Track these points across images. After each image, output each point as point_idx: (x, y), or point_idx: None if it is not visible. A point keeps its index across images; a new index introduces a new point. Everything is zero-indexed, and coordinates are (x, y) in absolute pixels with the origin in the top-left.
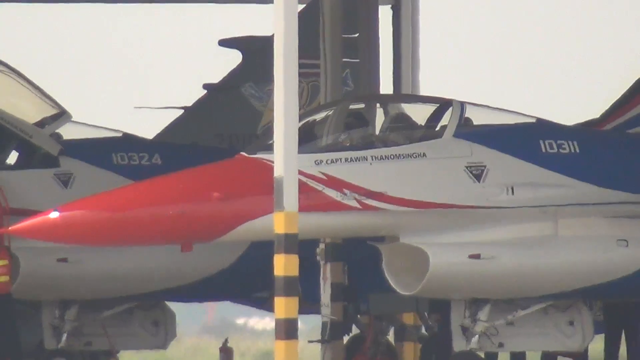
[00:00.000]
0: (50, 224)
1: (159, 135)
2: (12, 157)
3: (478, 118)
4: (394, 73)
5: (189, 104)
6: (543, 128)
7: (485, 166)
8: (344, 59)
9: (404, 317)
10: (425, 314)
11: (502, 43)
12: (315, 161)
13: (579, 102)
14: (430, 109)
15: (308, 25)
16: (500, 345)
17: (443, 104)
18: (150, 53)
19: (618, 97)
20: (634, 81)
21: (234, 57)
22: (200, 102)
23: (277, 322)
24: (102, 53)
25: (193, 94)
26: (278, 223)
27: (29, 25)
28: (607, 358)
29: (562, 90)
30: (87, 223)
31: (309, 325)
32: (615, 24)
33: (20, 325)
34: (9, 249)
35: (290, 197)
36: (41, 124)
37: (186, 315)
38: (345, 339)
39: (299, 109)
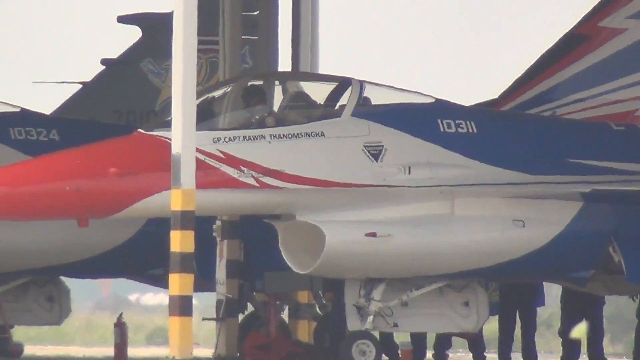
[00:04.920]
0: None
1: (57, 111)
2: None
3: (377, 97)
4: (293, 51)
5: (88, 79)
6: (441, 108)
7: (383, 146)
8: (243, 36)
9: (299, 295)
10: (320, 292)
11: (403, 23)
12: (213, 139)
13: (478, 83)
14: (329, 87)
15: (208, 2)
16: (395, 325)
17: (342, 83)
18: (49, 27)
19: (517, 78)
20: (532, 62)
21: (133, 33)
22: (98, 78)
23: (172, 298)
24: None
25: (91, 69)
26: (175, 200)
27: None
28: (501, 339)
29: (461, 70)
30: None
31: (204, 303)
32: (516, 3)
33: None
34: None
35: (187, 174)
36: None
37: (81, 291)
38: (241, 316)
39: (197, 86)
